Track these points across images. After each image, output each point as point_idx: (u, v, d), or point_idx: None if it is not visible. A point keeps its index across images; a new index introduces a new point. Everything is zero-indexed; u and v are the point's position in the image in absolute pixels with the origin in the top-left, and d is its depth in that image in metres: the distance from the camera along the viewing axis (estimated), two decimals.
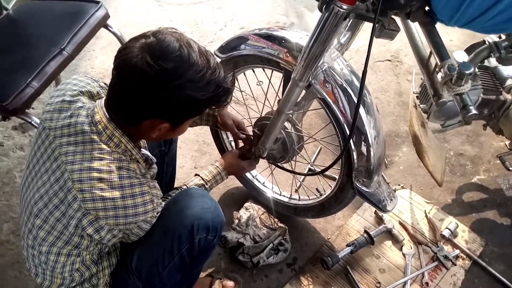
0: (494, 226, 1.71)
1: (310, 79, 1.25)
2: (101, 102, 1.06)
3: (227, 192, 1.92)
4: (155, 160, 1.21)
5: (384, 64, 2.42)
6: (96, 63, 2.60)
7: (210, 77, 1.00)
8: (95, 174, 1.00)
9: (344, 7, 1.05)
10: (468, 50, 1.52)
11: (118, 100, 1.02)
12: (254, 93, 1.62)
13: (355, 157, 1.32)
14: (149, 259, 1.17)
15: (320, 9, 1.09)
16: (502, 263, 1.60)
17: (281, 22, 2.79)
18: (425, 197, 1.82)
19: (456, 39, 2.49)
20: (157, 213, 1.12)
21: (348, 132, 1.28)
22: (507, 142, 1.86)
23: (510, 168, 1.64)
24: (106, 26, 1.87)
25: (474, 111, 0.97)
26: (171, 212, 1.15)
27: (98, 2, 1.83)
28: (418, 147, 1.62)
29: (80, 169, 1.01)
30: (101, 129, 1.03)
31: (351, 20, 1.34)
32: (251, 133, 1.54)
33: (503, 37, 1.23)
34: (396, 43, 2.51)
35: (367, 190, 1.38)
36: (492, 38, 1.24)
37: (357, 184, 1.37)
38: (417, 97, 1.50)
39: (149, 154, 1.19)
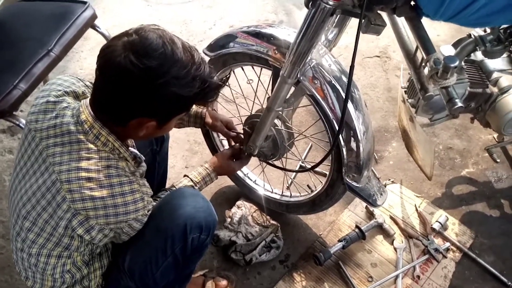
0: (483, 218, 1.73)
1: (298, 75, 1.26)
2: (86, 101, 1.05)
3: (219, 191, 1.92)
4: (143, 158, 1.20)
5: (373, 60, 2.43)
6: (85, 64, 2.58)
7: (195, 72, 0.99)
8: (83, 174, 0.99)
9: (330, 3, 1.06)
10: (455, 45, 1.53)
11: (103, 100, 1.01)
12: (243, 91, 1.62)
13: (344, 152, 1.33)
14: (142, 260, 1.17)
15: (307, 5, 1.10)
16: (492, 255, 1.62)
17: (270, 20, 2.79)
18: (415, 191, 1.83)
19: (443, 34, 2.51)
20: (148, 211, 1.11)
21: (337, 128, 1.29)
22: (495, 135, 1.89)
23: (498, 160, 1.67)
24: (94, 27, 1.86)
25: (459, 104, 0.99)
26: (164, 212, 1.14)
27: (85, 3, 1.82)
28: (407, 142, 1.64)
29: (68, 169, 1.00)
30: (87, 129, 1.02)
31: (338, 16, 1.35)
32: (241, 131, 1.54)
33: (488, 30, 1.25)
34: (384, 39, 2.53)
35: (357, 185, 1.39)
36: (477, 31, 1.25)
37: (347, 179, 1.38)
38: (405, 91, 1.51)
39: (137, 152, 1.18)
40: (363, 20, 1.07)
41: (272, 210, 1.77)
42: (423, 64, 1.10)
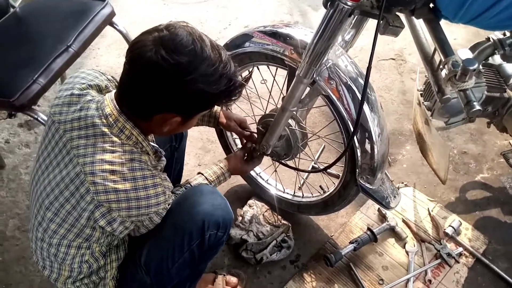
0: (497, 224, 1.71)
1: (314, 76, 1.26)
2: (111, 95, 1.07)
3: (231, 190, 1.93)
4: (163, 152, 1.22)
5: (388, 63, 2.42)
6: (101, 61, 2.62)
7: (222, 71, 1.01)
8: (107, 167, 1.01)
9: (349, 3, 1.06)
10: (473, 48, 1.52)
11: (130, 94, 1.03)
12: (258, 91, 1.63)
13: (359, 154, 1.33)
14: (158, 255, 1.18)
15: (325, 6, 1.10)
16: (506, 261, 1.60)
17: (285, 20, 2.79)
18: (428, 195, 1.82)
19: (460, 38, 2.49)
20: (168, 205, 1.12)
21: (352, 129, 1.29)
22: (511, 140, 1.87)
23: None
24: (112, 24, 1.88)
25: (477, 107, 0.98)
26: (182, 208, 1.16)
27: (104, 0, 1.84)
28: (422, 145, 1.63)
29: (92, 161, 1.01)
30: (112, 122, 1.04)
31: (356, 17, 1.34)
32: (255, 131, 1.54)
33: (508, 34, 1.23)
34: (400, 41, 2.52)
35: (371, 187, 1.39)
36: (496, 35, 1.24)
37: (360, 181, 1.38)
38: (421, 94, 1.50)
39: (158, 146, 1.20)
40: (381, 22, 1.07)
41: (283, 210, 1.77)
42: (441, 66, 1.10)
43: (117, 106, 1.05)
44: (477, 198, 1.80)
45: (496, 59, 1.37)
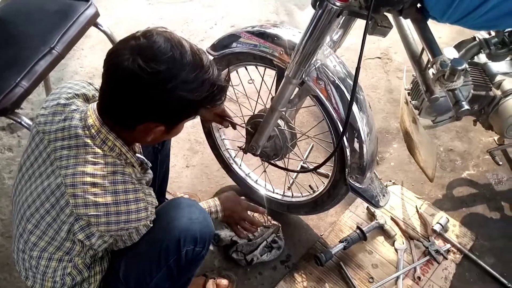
0: (484, 220, 1.74)
1: (303, 76, 1.26)
2: (94, 105, 1.05)
3: (220, 191, 1.92)
4: (150, 164, 1.19)
5: (374, 62, 2.44)
6: (85, 62, 2.57)
7: (204, 76, 0.98)
8: (89, 179, 0.98)
9: (338, 4, 1.06)
10: (457, 47, 1.54)
11: (110, 105, 1.00)
12: (246, 91, 1.62)
13: (348, 153, 1.33)
14: (136, 270, 1.16)
15: (314, 6, 1.10)
16: (492, 257, 1.63)
17: (272, 20, 2.79)
18: (416, 193, 1.84)
19: (445, 36, 2.52)
20: (150, 222, 1.09)
21: (341, 129, 1.29)
22: (496, 138, 1.90)
23: (500, 163, 1.67)
24: (96, 25, 1.85)
25: (466, 107, 0.99)
26: (159, 222, 1.12)
27: (88, 0, 1.81)
28: (409, 143, 1.64)
29: (73, 173, 0.99)
30: (94, 133, 1.02)
31: (343, 17, 1.34)
32: (234, 122, 1.51)
33: (493, 33, 1.25)
34: (385, 40, 2.53)
35: (360, 186, 1.39)
36: (482, 34, 1.26)
37: (350, 180, 1.38)
38: (408, 93, 1.52)
39: (144, 158, 1.17)
40: (369, 22, 1.07)
41: (273, 210, 1.77)
42: (429, 66, 1.11)
43: (99, 117, 1.02)
44: (463, 195, 1.82)
45: (481, 58, 1.39)
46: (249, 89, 1.65)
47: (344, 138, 1.30)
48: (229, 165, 1.84)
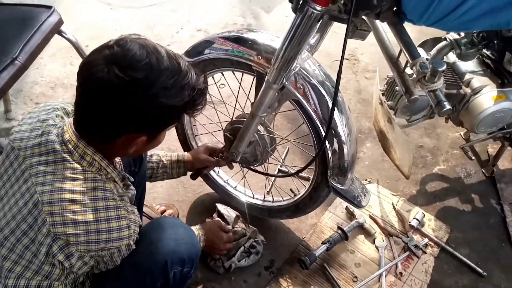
0: (456, 212, 1.81)
1: (284, 81, 1.26)
2: (70, 120, 1.00)
3: (198, 200, 1.88)
4: (132, 179, 1.14)
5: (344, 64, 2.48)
6: (45, 71, 2.46)
7: (183, 81, 0.95)
8: (67, 196, 0.93)
9: (318, 8, 1.06)
10: (422, 46, 1.59)
11: (87, 118, 0.96)
12: (222, 96, 1.60)
13: (330, 155, 1.34)
14: None
15: (294, 11, 1.09)
16: (467, 247, 1.69)
17: (239, 23, 2.78)
18: (391, 190, 1.88)
19: None
20: (133, 241, 1.04)
21: (322, 132, 1.30)
22: (462, 133, 1.98)
23: (473, 158, 1.74)
24: (60, 33, 1.76)
25: (448, 106, 1.02)
26: (142, 245, 1.08)
27: (50, 7, 1.72)
28: (384, 143, 1.68)
29: (51, 190, 0.94)
30: (72, 148, 0.97)
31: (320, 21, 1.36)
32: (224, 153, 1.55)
33: (462, 34, 1.30)
34: (351, 42, 2.57)
35: (342, 187, 1.41)
36: (452, 35, 1.30)
37: (332, 182, 1.39)
38: (382, 94, 1.55)
39: (125, 173, 1.12)
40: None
41: (253, 216, 1.76)
42: (408, 68, 1.13)
43: (75, 132, 0.98)
44: (436, 190, 1.89)
45: (450, 57, 1.44)
46: (224, 94, 1.63)
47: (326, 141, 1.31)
48: (207, 173, 1.81)
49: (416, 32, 2.54)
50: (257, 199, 1.75)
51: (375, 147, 2.04)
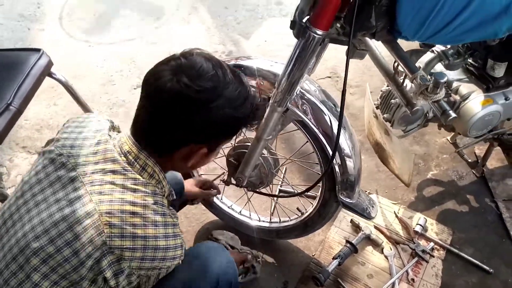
0: (455, 214, 1.87)
1: (288, 104, 1.29)
2: (127, 132, 1.00)
3: (202, 229, 1.88)
4: (175, 197, 1.13)
5: (326, 81, 2.56)
6: (30, 114, 2.42)
7: (245, 93, 0.99)
8: (128, 207, 0.90)
9: (319, 32, 1.11)
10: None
11: (151, 129, 0.96)
12: None
13: (337, 171, 1.38)
14: None
15: (297, 37, 1.14)
16: (470, 247, 1.75)
17: (219, 51, 2.83)
18: (391, 199, 1.93)
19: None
20: (181, 261, 1.03)
21: (329, 149, 1.34)
22: (449, 137, 2.07)
23: (470, 160, 1.83)
24: (50, 74, 1.75)
25: (453, 115, 1.08)
26: (194, 264, 1.09)
27: (39, 50, 1.71)
28: (381, 154, 1.73)
29: (110, 200, 0.90)
30: (132, 160, 0.96)
31: None
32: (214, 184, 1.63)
33: (449, 46, 1.39)
34: (331, 60, 2.67)
35: (351, 201, 1.44)
36: (439, 48, 1.38)
37: (341, 197, 1.43)
38: (377, 107, 1.61)
39: (172, 188, 1.10)
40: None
41: (261, 239, 1.76)
42: (407, 81, 1.19)
43: (136, 143, 0.97)
44: (433, 194, 1.95)
45: (437, 68, 1.52)
46: None
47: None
48: (210, 200, 1.81)
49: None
50: (264, 221, 1.76)
51: (369, 158, 2.09)
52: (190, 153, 0.98)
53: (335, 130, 1.32)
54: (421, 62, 1.46)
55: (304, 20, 1.10)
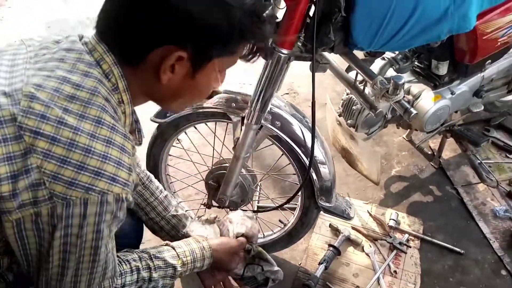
0: (423, 205, 2.01)
1: (262, 121, 1.37)
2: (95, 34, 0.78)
3: None
4: (144, 137, 0.91)
5: (285, 98, 2.67)
6: None
7: None
8: (69, 89, 0.69)
9: (284, 51, 1.21)
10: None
11: (118, 18, 0.75)
12: (196, 148, 1.67)
13: (315, 178, 1.46)
14: None
15: (265, 58, 1.23)
16: (441, 233, 1.89)
17: None
18: (362, 199, 2.04)
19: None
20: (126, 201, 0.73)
21: (304, 159, 1.42)
22: (404, 135, 2.24)
23: (429, 152, 1.99)
24: None
25: (414, 111, 1.20)
26: None
27: None
28: (349, 158, 1.85)
29: (47, 75, 0.70)
30: (98, 58, 0.75)
31: None
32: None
33: (397, 52, 1.53)
34: (287, 78, 2.73)
35: (330, 205, 1.52)
36: (389, 54, 1.53)
37: (321, 202, 1.51)
38: (339, 115, 1.73)
39: (139, 120, 0.87)
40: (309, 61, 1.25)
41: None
42: (368, 87, 1.31)
43: (101, 41, 0.77)
44: (399, 190, 2.09)
45: (388, 73, 1.67)
46: (198, 146, 1.69)
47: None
48: None
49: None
50: None
51: (336, 165, 2.18)
52: (165, 58, 0.74)
53: (308, 140, 1.41)
54: (373, 69, 1.59)
55: (269, 43, 1.19)
